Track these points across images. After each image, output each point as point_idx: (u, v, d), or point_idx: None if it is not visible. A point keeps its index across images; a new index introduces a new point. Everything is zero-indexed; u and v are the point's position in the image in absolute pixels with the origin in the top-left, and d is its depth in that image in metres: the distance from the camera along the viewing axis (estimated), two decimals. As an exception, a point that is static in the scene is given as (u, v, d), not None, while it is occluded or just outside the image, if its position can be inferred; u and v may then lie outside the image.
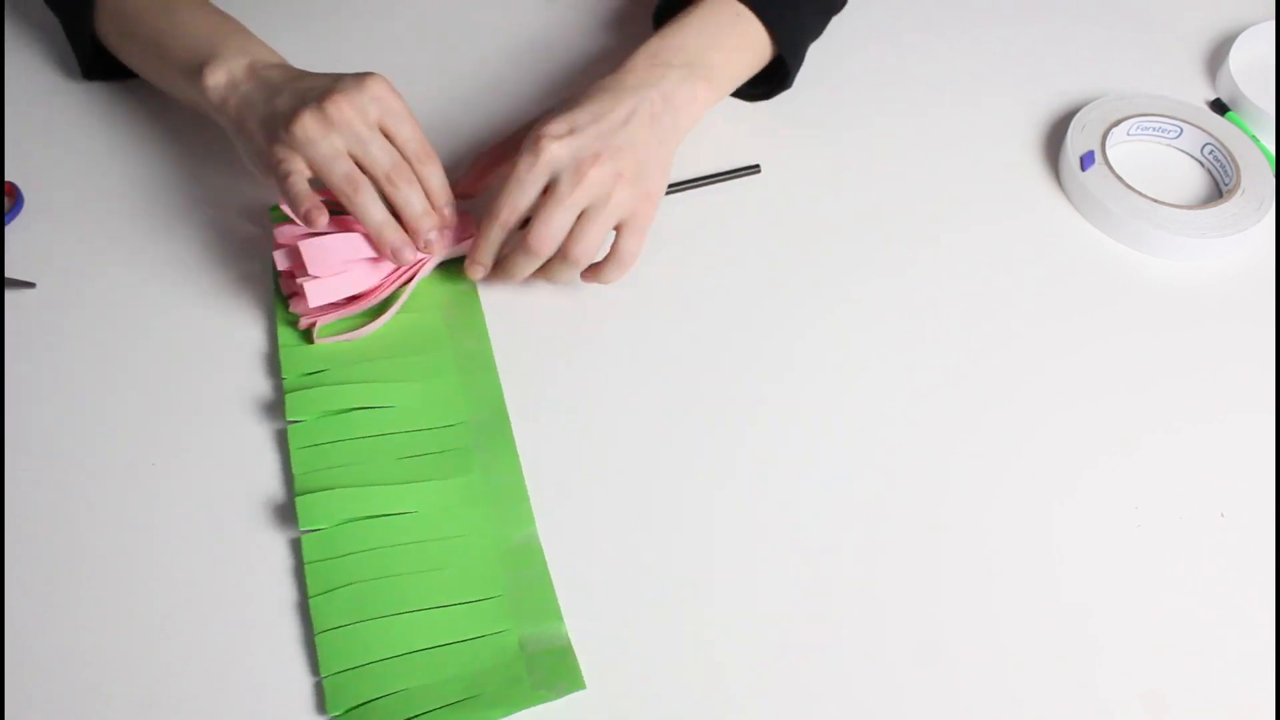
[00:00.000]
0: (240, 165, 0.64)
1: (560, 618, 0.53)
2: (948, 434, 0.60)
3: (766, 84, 0.72)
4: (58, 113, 0.72)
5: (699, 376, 0.62)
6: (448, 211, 0.61)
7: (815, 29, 0.73)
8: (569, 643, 0.52)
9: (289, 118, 0.58)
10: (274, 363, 0.61)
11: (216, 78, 0.62)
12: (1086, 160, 0.71)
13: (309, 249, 0.58)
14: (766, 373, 0.62)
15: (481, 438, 0.58)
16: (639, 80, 0.63)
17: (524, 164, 0.59)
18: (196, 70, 0.62)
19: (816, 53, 0.79)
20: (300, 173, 0.58)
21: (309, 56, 0.66)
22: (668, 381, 0.61)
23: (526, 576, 0.54)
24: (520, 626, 0.52)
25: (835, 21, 0.81)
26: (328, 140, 0.57)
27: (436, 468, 0.57)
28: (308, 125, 0.57)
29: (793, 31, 0.69)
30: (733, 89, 0.69)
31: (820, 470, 0.58)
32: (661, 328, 0.64)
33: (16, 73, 0.75)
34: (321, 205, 0.57)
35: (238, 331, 0.62)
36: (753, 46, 0.68)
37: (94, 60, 0.71)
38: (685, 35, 0.66)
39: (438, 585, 0.53)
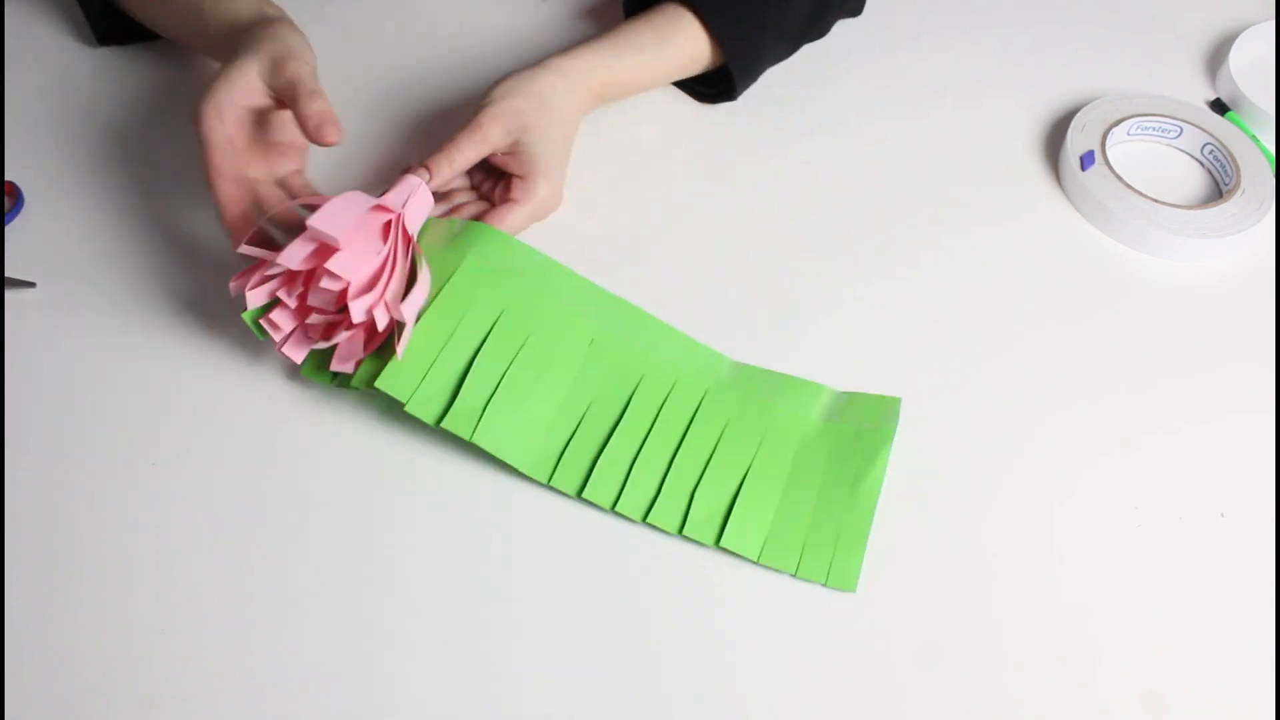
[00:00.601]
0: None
1: (821, 386, 0.61)
2: (948, 434, 0.60)
3: (717, 85, 0.74)
4: (58, 113, 0.72)
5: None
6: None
7: (776, 52, 0.75)
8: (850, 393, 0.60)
9: None
10: (274, 362, 0.61)
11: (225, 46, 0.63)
12: (1086, 160, 0.71)
13: (321, 218, 0.53)
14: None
15: (621, 336, 0.60)
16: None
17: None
18: (205, 38, 0.65)
19: (816, 55, 0.79)
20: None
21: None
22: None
23: (765, 384, 0.60)
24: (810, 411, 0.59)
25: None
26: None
27: (613, 385, 0.59)
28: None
29: (748, 50, 0.72)
30: (624, 92, 0.71)
31: (820, 470, 0.58)
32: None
33: (17, 72, 0.75)
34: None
35: (238, 331, 0.62)
36: (689, 52, 0.71)
37: (102, 22, 0.73)
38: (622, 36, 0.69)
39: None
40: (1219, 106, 0.77)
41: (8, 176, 0.68)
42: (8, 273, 0.64)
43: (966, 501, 0.58)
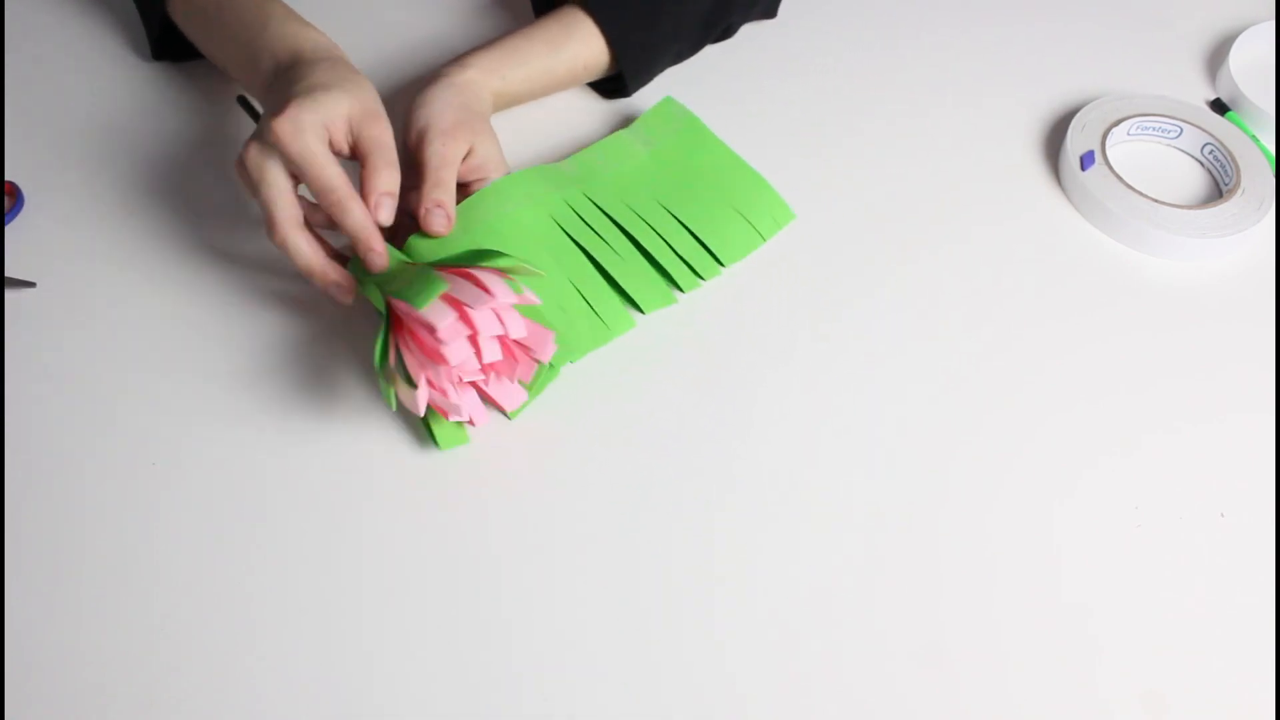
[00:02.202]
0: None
1: (617, 134, 0.70)
2: (948, 434, 0.60)
3: (613, 81, 0.74)
4: (58, 112, 0.72)
5: (701, 375, 0.62)
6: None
7: (670, 50, 0.75)
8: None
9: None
10: (273, 363, 0.61)
11: (265, 67, 0.62)
12: (1086, 160, 0.71)
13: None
14: (767, 372, 0.62)
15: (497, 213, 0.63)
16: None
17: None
18: (251, 64, 0.63)
19: (815, 53, 0.79)
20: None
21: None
22: (668, 379, 0.61)
23: (600, 156, 0.68)
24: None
25: (829, 23, 0.82)
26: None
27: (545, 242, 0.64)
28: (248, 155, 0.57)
29: (642, 56, 0.72)
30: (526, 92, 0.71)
31: (821, 470, 0.58)
32: (664, 328, 0.64)
33: (16, 71, 0.75)
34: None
35: (238, 331, 0.62)
36: (584, 58, 0.71)
37: (162, 41, 0.72)
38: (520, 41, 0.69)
39: None
40: (1219, 106, 0.77)
41: (8, 176, 0.68)
42: (8, 273, 0.64)
43: (966, 501, 0.58)
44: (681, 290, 0.65)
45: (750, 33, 0.80)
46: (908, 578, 0.55)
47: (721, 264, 0.66)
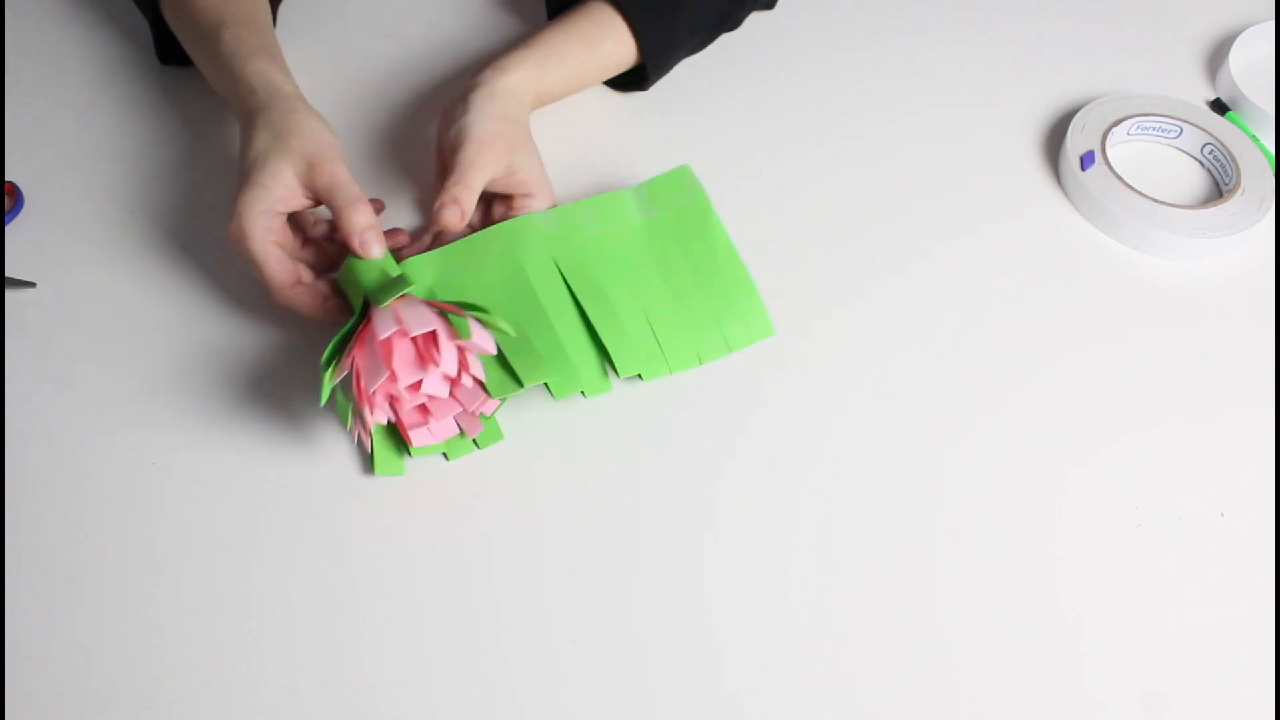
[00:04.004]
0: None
1: (618, 192, 0.64)
2: (948, 433, 0.60)
3: (630, 75, 0.74)
4: (58, 112, 0.72)
5: (699, 374, 0.62)
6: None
7: (689, 44, 0.75)
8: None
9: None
10: (274, 363, 0.61)
11: (236, 113, 0.63)
12: (1086, 160, 0.71)
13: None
14: (766, 372, 0.62)
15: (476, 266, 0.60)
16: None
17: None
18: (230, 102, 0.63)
19: (815, 53, 0.79)
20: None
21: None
22: (666, 378, 0.61)
23: (583, 216, 0.63)
24: None
25: (832, 21, 0.82)
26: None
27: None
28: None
29: (665, 50, 0.72)
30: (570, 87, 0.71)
31: (819, 470, 0.58)
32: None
33: (17, 72, 0.75)
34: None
35: (237, 331, 0.62)
36: (615, 56, 0.71)
37: (164, 46, 0.72)
38: (551, 39, 0.69)
39: None
40: (1219, 106, 0.77)
41: (8, 176, 0.68)
42: (8, 273, 0.64)
43: (965, 501, 0.58)
44: (618, 375, 0.59)
45: (751, 30, 0.80)
46: (906, 578, 0.55)
47: (670, 368, 0.60)
